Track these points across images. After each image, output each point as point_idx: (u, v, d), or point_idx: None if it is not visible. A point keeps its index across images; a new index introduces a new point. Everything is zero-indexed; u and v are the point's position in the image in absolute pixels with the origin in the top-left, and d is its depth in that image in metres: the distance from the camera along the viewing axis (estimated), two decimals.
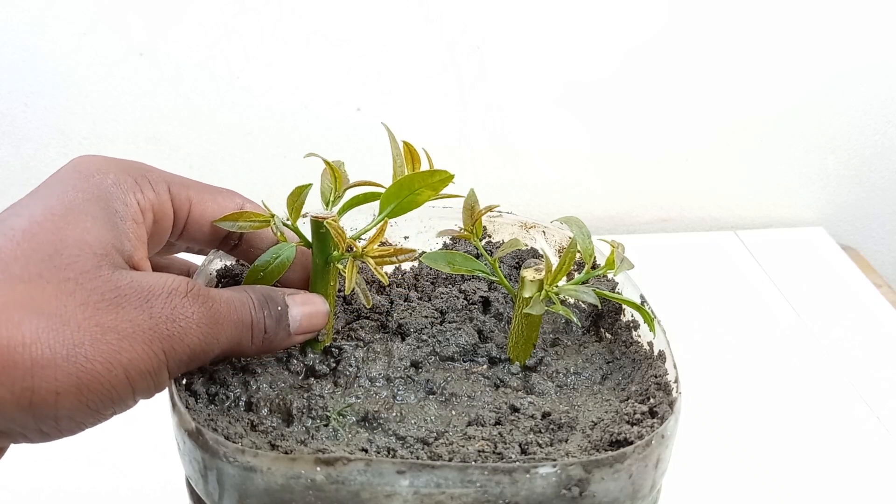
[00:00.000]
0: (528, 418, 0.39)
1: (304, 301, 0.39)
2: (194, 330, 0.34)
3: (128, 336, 0.32)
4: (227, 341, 0.35)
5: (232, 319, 0.35)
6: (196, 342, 0.34)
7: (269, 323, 0.37)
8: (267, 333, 0.37)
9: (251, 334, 0.36)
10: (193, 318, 0.34)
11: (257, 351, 0.37)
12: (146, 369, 0.33)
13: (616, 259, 0.42)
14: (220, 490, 0.34)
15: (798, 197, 0.93)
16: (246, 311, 0.36)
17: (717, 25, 0.81)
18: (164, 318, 0.33)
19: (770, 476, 0.57)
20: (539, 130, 0.86)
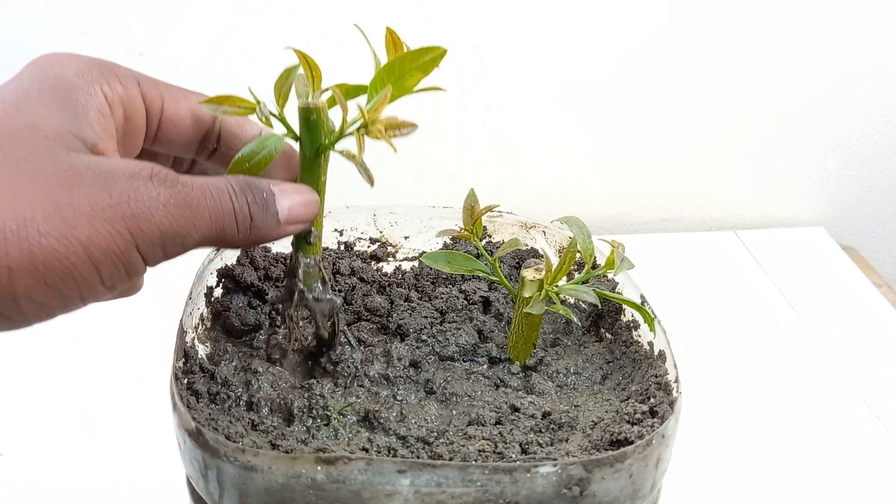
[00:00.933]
0: (528, 418, 0.39)
1: (294, 189, 0.37)
2: (161, 210, 0.32)
3: (85, 213, 0.31)
4: (206, 228, 0.34)
5: (208, 205, 0.34)
6: (165, 223, 0.32)
7: (255, 209, 0.35)
8: (253, 220, 0.35)
9: (235, 221, 0.35)
10: (160, 199, 0.32)
11: (246, 241, 0.36)
12: (110, 248, 0.31)
13: (616, 259, 0.42)
14: (220, 489, 0.34)
15: (798, 197, 0.93)
16: (224, 196, 0.34)
17: (717, 25, 0.81)
18: (126, 198, 0.31)
19: (770, 476, 0.57)
20: (539, 130, 0.86)
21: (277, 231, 0.36)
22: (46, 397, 0.63)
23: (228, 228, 0.34)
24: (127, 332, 0.70)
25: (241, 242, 0.35)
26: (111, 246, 0.31)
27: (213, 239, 0.34)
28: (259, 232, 0.36)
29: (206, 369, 0.41)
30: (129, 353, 0.67)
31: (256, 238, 0.36)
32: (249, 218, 0.35)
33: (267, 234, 0.36)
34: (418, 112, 0.85)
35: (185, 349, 0.41)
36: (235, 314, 0.45)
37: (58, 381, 0.65)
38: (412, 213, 0.51)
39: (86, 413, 0.62)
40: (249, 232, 0.35)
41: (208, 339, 0.44)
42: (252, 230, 0.35)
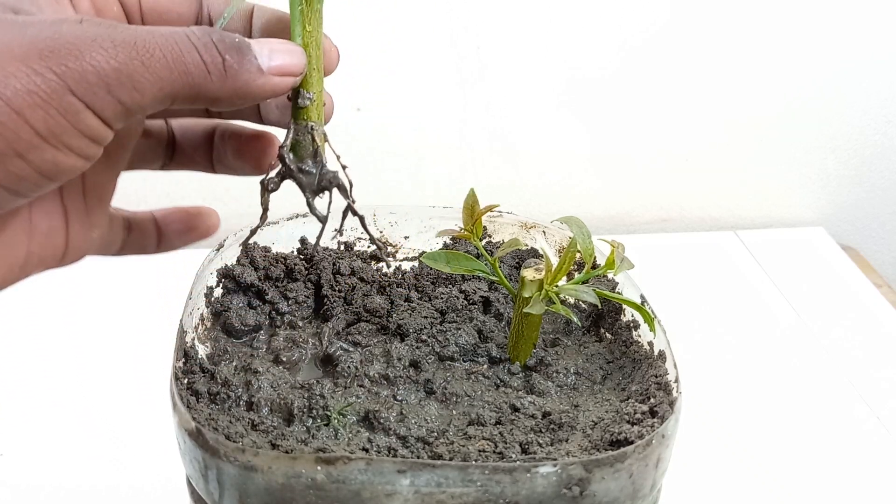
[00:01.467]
0: (528, 418, 0.39)
1: (272, 41, 0.33)
2: (92, 46, 0.28)
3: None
4: (163, 69, 0.29)
5: (158, 43, 0.30)
6: (101, 59, 0.28)
7: (224, 48, 0.31)
8: (227, 62, 0.31)
9: (202, 62, 0.30)
10: (89, 35, 0.28)
11: (226, 89, 0.31)
12: (28, 89, 0.27)
13: (616, 259, 0.42)
14: (220, 489, 0.34)
15: (798, 197, 0.93)
16: (180, 36, 0.30)
17: (717, 25, 0.81)
18: (45, 37, 0.28)
19: (770, 476, 0.57)
20: (539, 130, 0.86)
21: (261, 80, 0.32)
22: (46, 397, 0.63)
23: (195, 70, 0.30)
24: (127, 332, 0.70)
25: (221, 91, 0.31)
26: (29, 86, 0.27)
27: (182, 85, 0.30)
28: (238, 77, 0.32)
29: (206, 369, 0.41)
30: (129, 353, 0.67)
31: (237, 85, 0.32)
32: (220, 58, 0.31)
33: (250, 83, 0.32)
34: (419, 112, 0.86)
35: (185, 349, 0.41)
36: (235, 314, 0.45)
37: (58, 381, 0.65)
38: (412, 213, 0.51)
39: (86, 413, 0.62)
40: (225, 74, 0.31)
41: (208, 339, 0.44)
42: (228, 73, 0.31)
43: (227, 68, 0.31)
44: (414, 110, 0.82)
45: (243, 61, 0.31)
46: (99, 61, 0.28)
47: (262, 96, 0.33)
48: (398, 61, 0.79)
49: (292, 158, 0.36)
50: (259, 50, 0.32)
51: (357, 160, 0.82)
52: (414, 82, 0.80)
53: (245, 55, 0.32)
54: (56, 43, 0.28)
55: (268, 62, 0.32)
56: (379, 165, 0.84)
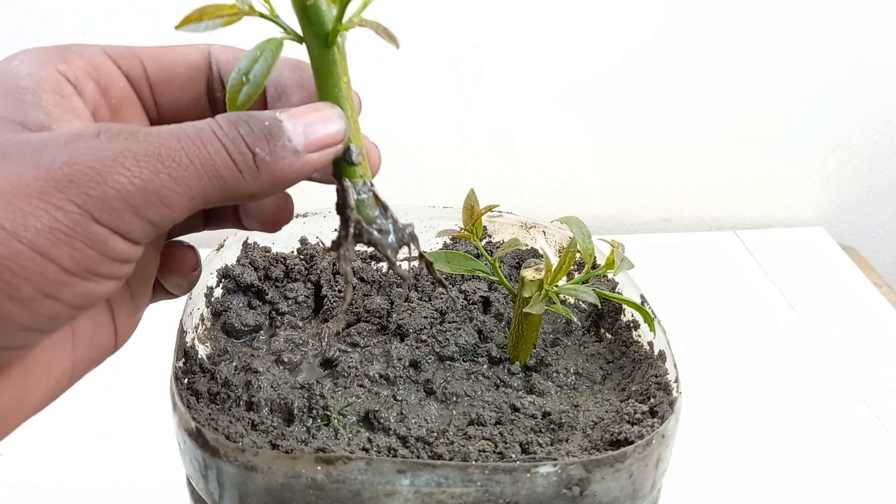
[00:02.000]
0: (528, 418, 0.39)
1: (307, 109, 0.30)
2: (114, 168, 0.26)
3: (5, 193, 0.25)
4: (192, 178, 0.27)
5: (185, 149, 0.27)
6: (124, 181, 0.26)
7: (254, 140, 0.28)
8: (258, 155, 0.28)
9: (231, 161, 0.28)
10: (108, 154, 0.26)
11: (261, 184, 0.29)
12: (51, 227, 0.25)
13: (616, 259, 0.42)
14: (220, 489, 0.34)
15: (798, 197, 0.93)
16: (207, 134, 0.28)
17: (717, 25, 0.81)
18: (61, 163, 0.26)
19: (770, 476, 0.57)
20: (539, 130, 0.86)
21: (299, 163, 0.29)
22: None
23: (226, 172, 0.28)
24: None
25: (255, 188, 0.29)
26: (51, 223, 0.25)
27: (214, 189, 0.28)
28: (273, 168, 0.29)
29: (206, 369, 0.41)
30: (129, 352, 0.67)
31: (273, 177, 0.29)
32: (250, 153, 0.28)
33: (287, 170, 0.29)
34: (419, 112, 0.85)
35: (185, 349, 0.41)
36: (235, 314, 0.45)
37: None
38: (412, 212, 0.51)
39: (86, 413, 0.62)
40: (258, 171, 0.28)
41: (208, 339, 0.44)
42: (261, 168, 0.28)
43: (258, 163, 0.28)
44: (414, 110, 0.82)
45: (276, 150, 0.29)
46: (122, 183, 0.26)
47: (302, 178, 0.30)
48: (398, 61, 0.79)
49: (361, 220, 0.32)
50: (292, 128, 0.29)
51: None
52: (414, 81, 0.80)
53: (277, 141, 0.29)
54: (74, 169, 0.26)
55: (303, 140, 0.29)
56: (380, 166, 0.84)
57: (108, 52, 0.32)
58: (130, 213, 0.27)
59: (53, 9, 0.73)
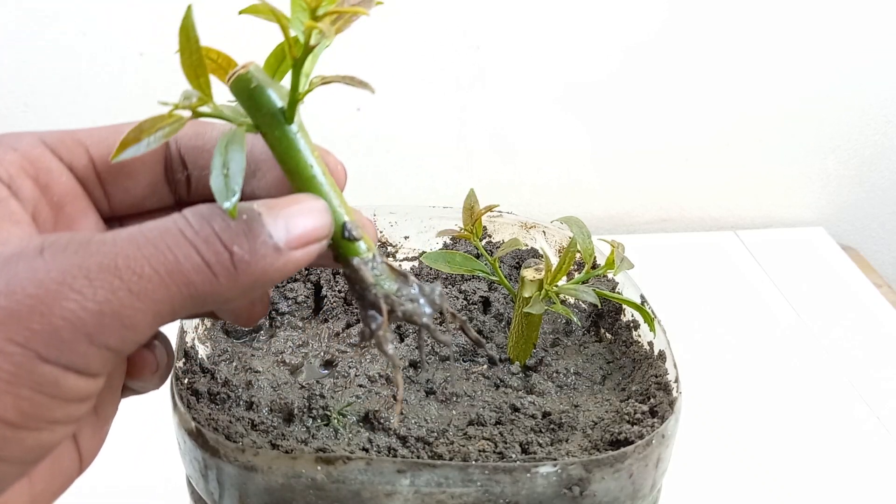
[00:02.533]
0: (528, 418, 0.39)
1: (287, 202, 0.26)
2: (62, 292, 0.22)
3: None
4: (160, 291, 0.23)
5: (149, 256, 0.23)
6: (77, 308, 0.22)
7: (230, 237, 0.24)
8: (237, 256, 0.24)
9: (205, 265, 0.24)
10: (53, 276, 0.22)
11: (238, 286, 0.25)
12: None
13: (616, 259, 0.42)
14: (220, 489, 0.34)
15: (798, 197, 0.93)
16: (173, 235, 0.24)
17: (717, 25, 0.81)
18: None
19: (770, 476, 0.57)
20: (539, 130, 0.86)
21: (281, 261, 0.25)
22: None
23: (198, 277, 0.24)
24: None
25: (231, 291, 0.25)
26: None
27: (183, 299, 0.24)
28: (253, 268, 0.25)
29: (206, 369, 0.41)
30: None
31: (253, 278, 0.25)
32: (227, 252, 0.24)
33: (268, 269, 0.25)
34: (418, 112, 0.85)
35: (185, 349, 0.41)
36: None
37: None
38: (412, 213, 0.51)
39: None
40: (236, 271, 0.24)
41: (208, 339, 0.44)
42: (240, 268, 0.24)
43: (236, 263, 0.24)
44: (413, 110, 0.82)
45: (256, 246, 0.25)
46: (73, 310, 0.22)
47: (283, 277, 0.26)
48: (397, 61, 0.79)
49: (390, 294, 0.28)
50: (273, 223, 0.25)
51: (357, 160, 0.82)
52: (413, 82, 0.80)
53: (257, 237, 0.25)
54: (12, 300, 0.22)
55: (285, 235, 0.25)
56: (379, 165, 0.83)
57: (46, 141, 0.28)
58: (85, 344, 0.22)
59: (53, 9, 0.73)
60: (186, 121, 0.27)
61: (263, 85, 0.27)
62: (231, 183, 0.25)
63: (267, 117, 0.27)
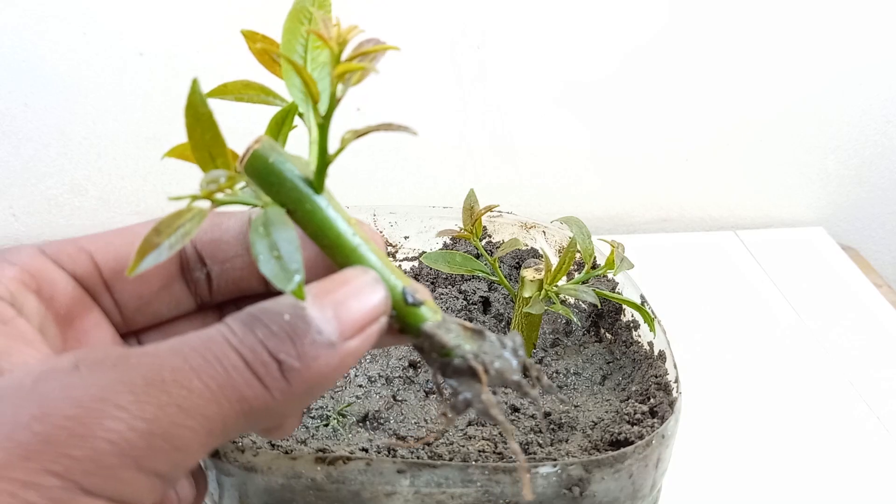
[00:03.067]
0: (528, 418, 0.39)
1: (332, 284, 0.24)
2: (104, 411, 0.19)
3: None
4: (210, 408, 0.21)
5: (197, 368, 0.21)
6: (124, 429, 0.19)
7: (277, 345, 0.22)
8: (286, 365, 0.22)
9: (254, 376, 0.22)
10: (95, 392, 0.20)
11: (294, 397, 0.22)
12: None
13: (616, 259, 0.42)
14: (220, 490, 0.34)
15: (798, 197, 0.93)
16: (220, 345, 0.22)
17: (717, 25, 0.81)
18: (28, 419, 0.19)
19: (770, 476, 0.57)
20: (539, 130, 0.86)
21: (338, 357, 0.23)
22: None
23: (250, 391, 0.21)
24: None
25: (287, 404, 0.22)
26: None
27: (237, 416, 0.21)
28: (306, 375, 0.22)
29: None
30: None
31: (308, 385, 0.22)
32: (275, 363, 0.22)
33: (323, 370, 0.22)
34: (418, 112, 0.85)
35: None
36: None
37: None
38: (412, 213, 0.51)
39: None
40: (287, 382, 0.22)
41: None
42: (291, 378, 0.22)
43: (285, 373, 0.22)
44: (414, 110, 0.82)
45: (305, 350, 0.22)
46: (119, 430, 0.19)
47: (344, 372, 0.23)
48: (398, 60, 0.79)
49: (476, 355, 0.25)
50: (320, 316, 0.23)
51: (356, 160, 0.82)
52: (413, 81, 0.80)
53: (303, 337, 0.22)
54: (48, 425, 0.19)
55: (336, 327, 0.23)
56: (378, 165, 0.83)
57: (46, 252, 0.26)
58: (133, 470, 0.20)
59: (53, 8, 0.73)
60: (207, 213, 0.23)
61: (283, 158, 0.25)
62: (288, 264, 0.22)
63: (293, 192, 0.24)
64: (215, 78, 0.54)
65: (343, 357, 0.23)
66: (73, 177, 0.79)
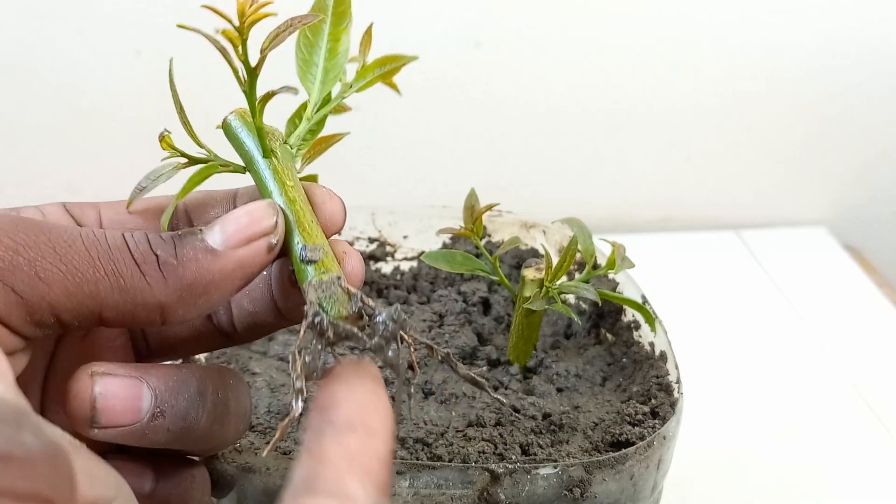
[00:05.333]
0: (528, 419, 0.39)
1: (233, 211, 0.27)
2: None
3: None
4: (90, 271, 0.24)
5: (84, 237, 0.25)
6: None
7: (158, 243, 0.25)
8: (161, 257, 0.25)
9: (135, 264, 0.25)
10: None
11: (172, 290, 0.25)
12: None
13: (617, 258, 0.41)
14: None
15: (800, 197, 0.92)
16: (115, 235, 0.25)
17: (717, 25, 0.81)
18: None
19: (770, 476, 0.57)
20: (539, 129, 0.85)
21: (221, 263, 0.26)
22: None
23: (126, 269, 0.25)
24: None
25: (165, 295, 0.25)
26: None
27: (109, 289, 0.24)
28: (184, 270, 0.25)
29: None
30: None
31: (186, 280, 0.25)
32: (153, 255, 0.25)
33: (203, 271, 0.25)
34: (418, 111, 0.85)
35: None
36: None
37: None
38: (411, 212, 0.51)
39: None
40: (162, 274, 0.25)
41: None
42: (166, 270, 0.25)
43: (161, 265, 0.25)
44: (413, 108, 0.81)
45: (185, 251, 0.25)
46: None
47: (231, 283, 0.26)
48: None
49: (330, 317, 0.27)
50: (208, 230, 0.26)
51: (356, 160, 0.82)
52: (412, 80, 0.80)
53: (185, 242, 0.26)
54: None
55: (221, 236, 0.26)
56: (378, 164, 0.83)
57: (71, 211, 0.30)
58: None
59: (49, 7, 0.73)
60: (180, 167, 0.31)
61: (245, 128, 0.31)
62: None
63: (245, 154, 0.30)
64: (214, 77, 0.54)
65: (224, 265, 0.26)
66: (69, 176, 0.79)
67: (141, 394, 0.26)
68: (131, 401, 0.26)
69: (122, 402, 0.25)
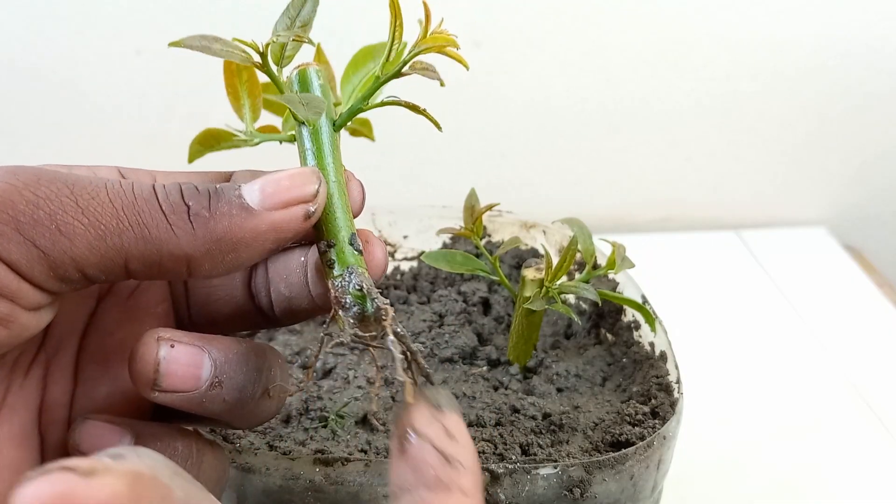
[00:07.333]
0: (528, 419, 0.39)
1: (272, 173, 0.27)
2: (10, 180, 0.23)
3: None
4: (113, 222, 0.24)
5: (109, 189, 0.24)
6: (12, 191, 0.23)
7: (191, 195, 0.25)
8: (193, 208, 0.24)
9: (163, 214, 0.24)
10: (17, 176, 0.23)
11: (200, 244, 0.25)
12: None
13: (617, 258, 0.41)
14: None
15: (800, 197, 0.92)
16: (143, 186, 0.25)
17: (717, 25, 0.81)
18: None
19: (770, 476, 0.57)
20: (539, 129, 0.85)
21: (255, 221, 0.25)
22: None
23: (152, 222, 0.24)
24: None
25: (192, 247, 0.24)
26: None
27: (134, 239, 0.24)
28: (215, 224, 0.25)
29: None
30: None
31: (213, 233, 0.25)
32: (184, 206, 0.24)
33: (235, 228, 0.25)
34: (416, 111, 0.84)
35: None
36: None
37: None
38: (411, 212, 0.51)
39: None
40: (191, 225, 0.24)
41: None
42: (197, 223, 0.24)
43: (191, 216, 0.24)
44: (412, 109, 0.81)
45: (219, 203, 0.25)
46: (5, 191, 0.23)
47: (262, 244, 0.25)
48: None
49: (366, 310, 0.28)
50: (247, 187, 0.25)
51: (356, 160, 0.82)
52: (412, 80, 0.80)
53: (220, 196, 0.25)
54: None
55: (259, 196, 0.25)
56: (377, 164, 0.83)
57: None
58: (12, 229, 0.23)
59: (49, 7, 0.73)
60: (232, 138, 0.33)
61: (320, 79, 0.30)
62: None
63: (312, 105, 0.29)
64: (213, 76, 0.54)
65: (257, 224, 0.25)
66: None
67: (202, 362, 0.26)
68: (192, 368, 0.26)
69: (184, 369, 0.26)
